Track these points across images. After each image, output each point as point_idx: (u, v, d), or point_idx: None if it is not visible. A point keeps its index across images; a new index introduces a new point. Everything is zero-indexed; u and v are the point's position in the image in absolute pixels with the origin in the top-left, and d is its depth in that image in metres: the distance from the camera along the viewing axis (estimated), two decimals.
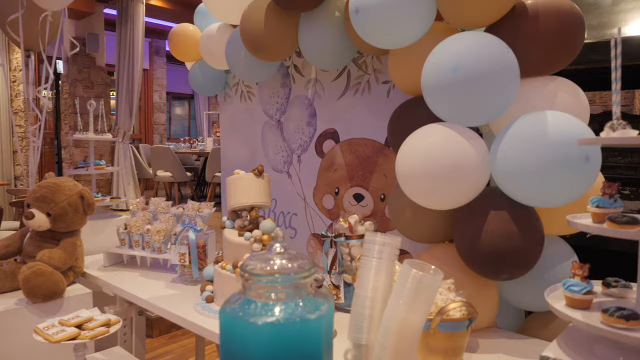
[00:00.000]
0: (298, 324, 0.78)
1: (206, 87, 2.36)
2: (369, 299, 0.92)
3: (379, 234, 0.94)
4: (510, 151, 1.21)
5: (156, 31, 8.99)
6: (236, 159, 2.47)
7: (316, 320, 0.80)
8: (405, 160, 1.32)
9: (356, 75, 1.92)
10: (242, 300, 0.84)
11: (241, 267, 0.85)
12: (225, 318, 0.83)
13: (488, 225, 1.26)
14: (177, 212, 2.28)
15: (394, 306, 0.86)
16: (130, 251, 2.14)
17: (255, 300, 0.82)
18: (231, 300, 0.85)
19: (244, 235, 1.61)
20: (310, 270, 0.82)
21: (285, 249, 0.85)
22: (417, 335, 0.85)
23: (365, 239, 0.96)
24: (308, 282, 0.82)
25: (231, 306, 0.83)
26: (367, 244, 0.95)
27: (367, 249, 0.95)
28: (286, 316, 0.79)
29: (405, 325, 0.85)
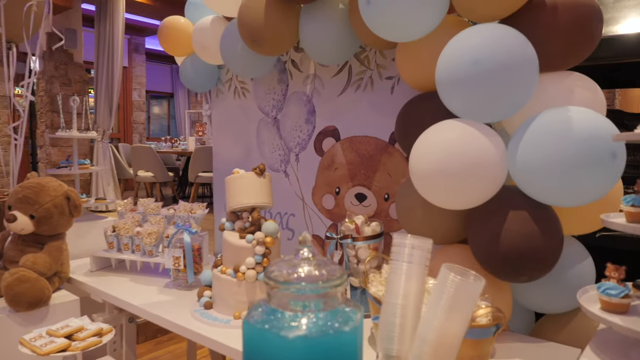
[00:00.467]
0: (332, 336, 0.71)
1: (198, 82, 2.26)
2: (400, 306, 0.85)
3: (408, 236, 0.88)
4: (532, 148, 1.16)
5: (135, 28, 8.77)
6: (229, 158, 2.38)
7: (351, 332, 0.73)
8: (420, 158, 1.26)
9: (358, 70, 1.86)
10: (266, 310, 0.76)
11: (266, 274, 0.77)
12: (251, 331, 0.75)
13: (507, 226, 1.21)
14: (168, 214, 2.18)
15: (431, 314, 0.80)
16: (119, 255, 2.03)
17: (281, 310, 0.75)
18: (255, 310, 0.77)
19: (246, 237, 1.53)
20: (341, 278, 0.75)
21: (314, 254, 0.77)
22: (456, 345, 0.79)
23: (393, 241, 0.90)
24: (339, 291, 0.75)
25: (256, 317, 0.75)
26: (395, 247, 0.89)
27: (396, 253, 0.88)
28: (319, 329, 0.72)
29: (443, 334, 0.79)
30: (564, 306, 1.40)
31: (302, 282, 0.74)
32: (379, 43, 1.61)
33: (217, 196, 2.44)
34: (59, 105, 2.46)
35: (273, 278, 0.76)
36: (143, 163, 6.45)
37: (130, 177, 7.08)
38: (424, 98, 1.47)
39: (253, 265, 1.51)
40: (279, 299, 0.76)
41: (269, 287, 0.76)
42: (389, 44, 1.60)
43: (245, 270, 1.51)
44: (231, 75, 2.30)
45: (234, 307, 1.52)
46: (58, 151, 5.74)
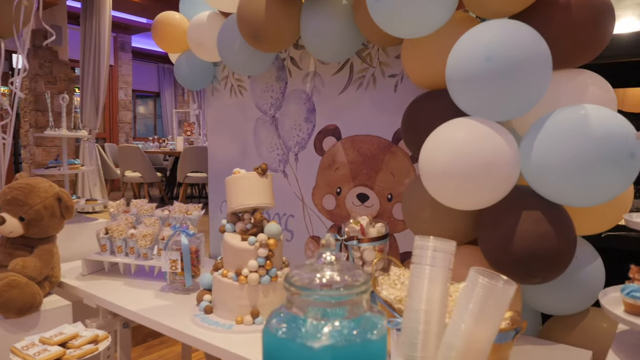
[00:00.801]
0: (360, 346, 0.67)
1: (193, 80, 2.20)
2: (424, 312, 0.81)
3: (431, 238, 0.84)
4: (547, 147, 1.14)
5: (122, 25, 8.62)
6: (225, 158, 2.32)
7: (379, 340, 0.69)
8: (431, 157, 1.22)
9: (359, 68, 1.82)
10: (287, 318, 0.72)
11: (286, 279, 0.73)
12: (272, 340, 0.70)
13: (521, 226, 1.19)
14: (162, 215, 2.12)
15: (458, 320, 0.76)
16: (113, 258, 1.96)
17: (304, 318, 0.70)
18: (274, 318, 0.73)
19: (248, 239, 1.48)
20: (367, 284, 0.71)
21: (337, 258, 0.73)
22: (485, 352, 0.76)
23: (415, 243, 0.86)
24: (365, 298, 0.71)
25: (276, 326, 0.71)
26: (418, 249, 0.85)
27: (418, 256, 0.84)
28: (346, 338, 0.67)
29: (471, 340, 0.75)
30: (574, 307, 1.38)
31: (326, 288, 0.70)
32: (384, 40, 1.57)
33: (213, 197, 2.39)
34: (48, 104, 2.38)
35: (294, 284, 0.71)
36: (130, 163, 6.33)
37: (117, 177, 6.95)
38: (431, 96, 1.43)
39: (256, 268, 1.46)
40: (300, 306, 0.71)
41: (290, 293, 0.72)
42: (394, 40, 1.56)
43: (248, 273, 1.46)
44: (227, 73, 2.25)
45: (236, 312, 1.47)
46: (42, 151, 5.59)
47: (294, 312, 0.72)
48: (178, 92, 12.98)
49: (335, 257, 0.73)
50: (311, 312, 0.70)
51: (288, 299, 0.73)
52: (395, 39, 1.56)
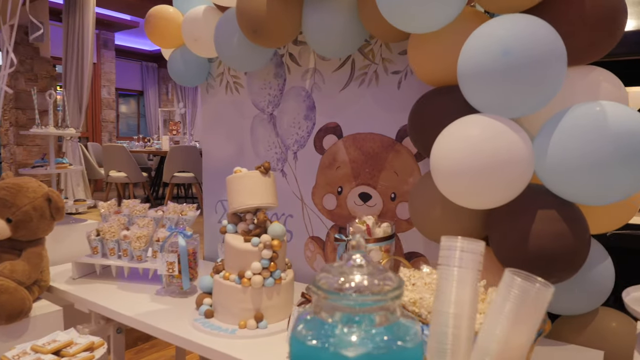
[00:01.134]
0: (396, 353, 0.63)
1: (187, 76, 2.13)
2: (453, 315, 0.78)
3: (459, 238, 0.80)
4: (563, 144, 1.11)
5: (104, 22, 8.44)
6: (221, 157, 2.26)
7: (415, 348, 0.65)
8: (444, 155, 1.19)
9: (362, 65, 1.78)
10: (315, 325, 0.67)
11: (314, 283, 0.68)
12: (301, 348, 0.66)
13: (536, 225, 1.16)
14: (156, 216, 2.05)
15: (493, 323, 0.73)
16: (105, 261, 1.89)
17: (333, 324, 0.66)
18: (301, 324, 0.68)
19: (251, 240, 1.43)
20: (400, 288, 0.67)
21: (368, 261, 0.69)
22: (522, 357, 0.72)
23: (442, 243, 0.82)
24: (398, 303, 0.67)
25: (305, 333, 0.66)
26: (444, 250, 0.81)
27: (446, 257, 0.81)
28: (381, 345, 0.63)
29: (507, 345, 0.72)
30: (584, 307, 1.36)
31: (357, 293, 0.65)
32: (390, 35, 1.54)
33: (207, 197, 2.32)
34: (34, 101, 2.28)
35: (323, 288, 0.67)
36: (115, 163, 6.19)
37: (101, 177, 6.80)
38: (440, 92, 1.40)
39: (259, 271, 1.41)
40: (329, 312, 0.67)
41: (318, 297, 0.67)
42: (399, 36, 1.53)
43: (251, 275, 1.41)
44: (223, 69, 2.19)
45: (239, 316, 1.42)
46: (23, 150, 5.43)
47: (322, 318, 0.68)
48: (162, 91, 12.79)
49: (366, 260, 0.69)
50: (341, 318, 0.66)
51: (316, 304, 0.69)
52: (401, 35, 1.53)
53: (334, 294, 0.66)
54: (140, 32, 10.32)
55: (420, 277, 1.26)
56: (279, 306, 1.47)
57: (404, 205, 1.70)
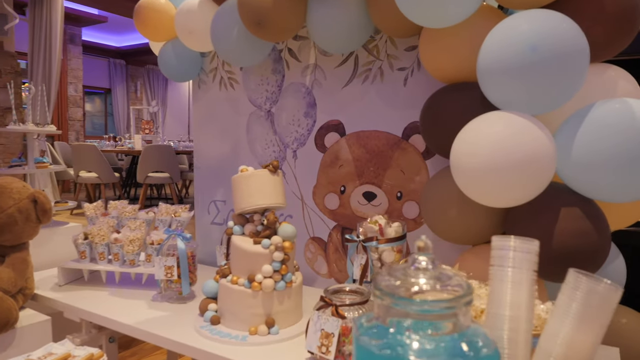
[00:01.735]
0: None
1: (180, 71, 2.04)
2: (508, 318, 0.74)
3: (511, 237, 0.77)
4: (588, 142, 1.11)
5: (71, 16, 8.10)
6: (214, 155, 2.17)
7: (493, 355, 0.61)
8: (470, 152, 1.16)
9: (365, 61, 1.74)
10: (382, 332, 0.62)
11: (376, 286, 0.63)
12: (372, 358, 0.61)
13: (560, 224, 1.15)
14: (147, 218, 1.95)
15: (557, 324, 0.70)
16: (95, 266, 1.78)
17: (402, 332, 0.61)
18: (367, 334, 0.63)
19: (262, 242, 1.37)
20: (472, 293, 0.63)
21: (434, 263, 0.64)
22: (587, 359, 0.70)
23: (493, 243, 0.79)
24: (469, 308, 0.63)
25: (373, 342, 0.61)
26: (497, 250, 0.78)
27: (499, 257, 0.77)
28: (460, 353, 0.59)
29: (573, 347, 0.69)
30: None
31: (431, 298, 0.61)
32: (400, 30, 1.50)
33: (200, 197, 2.23)
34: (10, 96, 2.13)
35: (389, 292, 0.62)
36: (86, 163, 5.95)
37: (69, 178, 6.52)
38: (456, 89, 1.38)
39: (270, 274, 1.35)
40: (395, 318, 0.62)
41: (384, 303, 0.63)
42: (409, 31, 1.50)
43: (262, 279, 1.35)
44: (217, 64, 2.10)
45: (249, 322, 1.36)
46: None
47: (387, 325, 0.63)
48: (131, 89, 12.42)
49: (432, 263, 0.65)
50: (412, 325, 0.61)
51: (378, 308, 0.64)
52: (411, 30, 1.50)
53: (404, 299, 0.61)
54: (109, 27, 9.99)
55: None
56: (290, 310, 1.41)
57: (410, 204, 1.67)
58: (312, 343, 1.16)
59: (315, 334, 1.16)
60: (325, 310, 1.17)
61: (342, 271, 1.84)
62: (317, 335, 1.15)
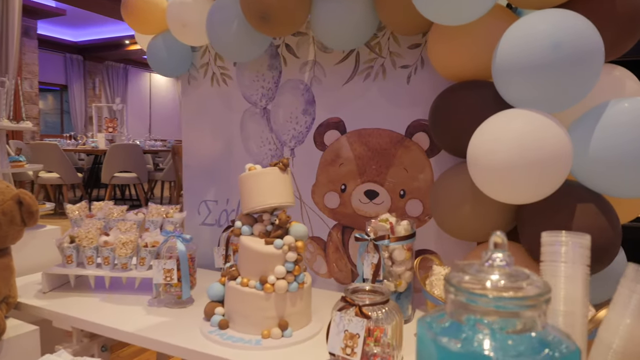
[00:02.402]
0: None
1: (170, 65, 1.95)
2: (563, 313, 0.74)
3: (562, 233, 0.77)
4: (604, 139, 1.13)
5: (26, 8, 7.67)
6: (204, 154, 2.10)
7: (574, 355, 0.60)
8: (492, 149, 1.16)
9: (367, 58, 1.72)
10: (457, 330, 0.60)
11: (452, 283, 0.61)
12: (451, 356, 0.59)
13: (577, 220, 1.17)
14: (136, 219, 1.86)
15: (617, 317, 0.70)
16: (83, 271, 1.67)
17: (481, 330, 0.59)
18: (442, 332, 0.61)
19: (274, 243, 1.32)
20: (549, 292, 0.62)
21: (509, 261, 0.63)
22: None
23: (544, 239, 0.78)
24: (547, 307, 0.62)
25: (451, 341, 0.59)
26: (548, 245, 0.78)
27: (550, 253, 0.77)
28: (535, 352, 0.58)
29: (632, 339, 0.69)
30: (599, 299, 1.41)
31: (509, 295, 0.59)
32: (406, 27, 1.50)
33: (189, 198, 2.15)
34: None
35: (467, 290, 0.60)
36: (46, 163, 5.64)
37: (26, 179, 6.16)
38: (466, 87, 1.38)
39: (284, 275, 1.31)
40: (473, 316, 0.61)
41: (459, 299, 0.61)
42: (416, 28, 1.50)
43: (275, 280, 1.31)
44: (208, 59, 2.03)
45: (261, 325, 1.31)
46: None
47: (464, 323, 0.61)
48: (89, 86, 11.93)
49: (507, 260, 0.63)
50: (491, 323, 0.60)
51: (457, 307, 0.62)
52: (417, 28, 1.50)
53: (485, 297, 0.60)
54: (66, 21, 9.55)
55: None
56: (302, 312, 1.37)
57: (414, 202, 1.67)
58: (335, 345, 1.13)
59: (338, 335, 1.13)
60: (347, 311, 1.15)
61: (343, 271, 1.82)
62: (341, 336, 1.12)
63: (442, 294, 1.17)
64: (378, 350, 1.12)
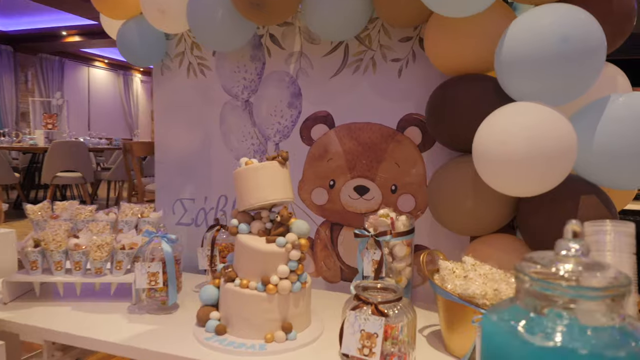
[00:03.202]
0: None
1: (143, 53, 1.81)
2: None
3: (607, 222, 0.77)
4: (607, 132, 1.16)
5: None
6: (179, 149, 1.97)
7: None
8: (504, 140, 1.15)
9: (356, 50, 1.68)
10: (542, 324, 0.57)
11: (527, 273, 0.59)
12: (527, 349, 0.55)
13: (582, 211, 1.19)
14: (108, 219, 1.71)
15: None
16: (51, 277, 1.51)
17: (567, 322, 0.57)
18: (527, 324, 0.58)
19: (276, 241, 1.25)
20: (630, 284, 0.60)
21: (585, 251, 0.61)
22: None
23: (587, 229, 0.78)
24: (628, 299, 0.60)
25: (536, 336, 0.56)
26: (592, 235, 0.77)
27: (596, 242, 0.77)
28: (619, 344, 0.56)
29: None
30: None
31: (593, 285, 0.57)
32: (402, 18, 1.47)
33: (162, 196, 2.01)
34: None
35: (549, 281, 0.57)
36: None
37: None
38: (466, 80, 1.37)
39: (287, 275, 1.24)
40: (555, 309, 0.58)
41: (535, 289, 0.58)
42: (412, 20, 1.48)
43: (278, 281, 1.24)
44: (184, 48, 1.91)
45: (263, 329, 1.24)
46: None
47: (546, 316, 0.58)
48: (20, 79, 11.07)
49: (582, 250, 0.61)
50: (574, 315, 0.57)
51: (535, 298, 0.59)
52: (413, 20, 1.48)
53: (569, 287, 0.57)
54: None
55: (472, 269, 1.22)
56: (304, 313, 1.31)
57: (406, 197, 1.65)
58: (351, 345, 1.08)
59: (353, 335, 1.08)
60: (362, 310, 1.10)
61: (331, 269, 1.77)
62: (357, 336, 1.07)
63: (455, 288, 1.15)
64: (394, 350, 1.09)
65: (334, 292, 1.73)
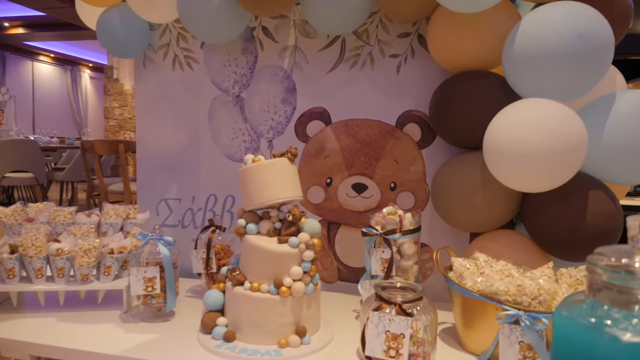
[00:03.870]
0: None
1: (126, 44, 1.69)
2: None
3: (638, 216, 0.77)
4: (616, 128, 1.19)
5: None
6: (165, 147, 1.86)
7: None
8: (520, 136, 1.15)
9: (353, 45, 1.65)
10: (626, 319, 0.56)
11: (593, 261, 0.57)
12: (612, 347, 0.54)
13: (591, 206, 1.22)
14: (90, 222, 1.59)
15: None
16: (31, 286, 1.38)
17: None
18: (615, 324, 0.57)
19: (289, 241, 1.20)
20: None
21: None
22: None
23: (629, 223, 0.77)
24: None
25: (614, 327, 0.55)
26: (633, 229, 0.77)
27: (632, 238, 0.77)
28: None
29: None
30: None
31: None
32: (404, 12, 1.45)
33: (144, 196, 1.90)
34: None
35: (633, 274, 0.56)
36: None
37: None
38: (471, 77, 1.37)
39: (300, 276, 1.19)
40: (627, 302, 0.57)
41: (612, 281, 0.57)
42: (414, 15, 1.46)
43: (291, 283, 1.18)
44: (169, 40, 1.80)
45: (276, 333, 1.18)
46: None
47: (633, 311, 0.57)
48: None
49: None
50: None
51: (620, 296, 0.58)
52: (415, 15, 1.46)
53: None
54: None
55: (487, 265, 1.22)
56: (316, 316, 1.27)
57: (405, 195, 1.64)
58: (376, 348, 1.04)
59: (378, 337, 1.04)
60: (385, 310, 1.07)
61: (328, 269, 1.73)
62: (382, 338, 1.04)
63: (474, 285, 1.14)
64: (419, 350, 1.06)
65: (332, 292, 1.69)
